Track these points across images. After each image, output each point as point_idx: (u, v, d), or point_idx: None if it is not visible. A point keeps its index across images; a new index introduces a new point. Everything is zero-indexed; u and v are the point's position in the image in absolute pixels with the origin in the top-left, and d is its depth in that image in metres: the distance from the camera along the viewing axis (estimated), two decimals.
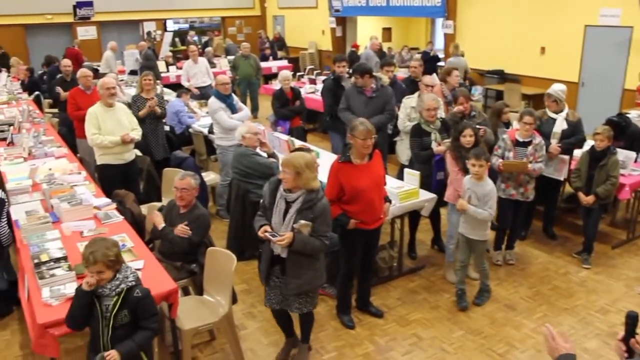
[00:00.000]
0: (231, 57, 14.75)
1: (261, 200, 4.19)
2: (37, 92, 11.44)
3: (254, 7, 21.83)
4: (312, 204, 3.84)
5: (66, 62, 9.82)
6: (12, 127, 7.68)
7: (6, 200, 5.09)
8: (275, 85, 11.64)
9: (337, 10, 17.22)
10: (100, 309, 3.30)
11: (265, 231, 3.88)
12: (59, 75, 10.07)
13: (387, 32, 19.51)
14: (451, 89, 6.94)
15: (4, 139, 7.47)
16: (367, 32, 17.53)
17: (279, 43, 19.17)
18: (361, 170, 4.50)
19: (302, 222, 3.82)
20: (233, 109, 6.98)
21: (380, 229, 4.85)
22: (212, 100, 6.95)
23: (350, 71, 7.74)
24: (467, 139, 5.24)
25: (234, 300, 4.61)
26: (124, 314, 3.28)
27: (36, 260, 4.13)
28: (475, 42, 13.08)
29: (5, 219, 4.98)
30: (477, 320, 5.06)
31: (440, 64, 13.94)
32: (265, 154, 6.03)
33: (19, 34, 18.25)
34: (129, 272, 3.36)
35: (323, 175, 5.45)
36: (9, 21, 17.84)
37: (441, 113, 6.23)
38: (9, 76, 13.05)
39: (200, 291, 4.61)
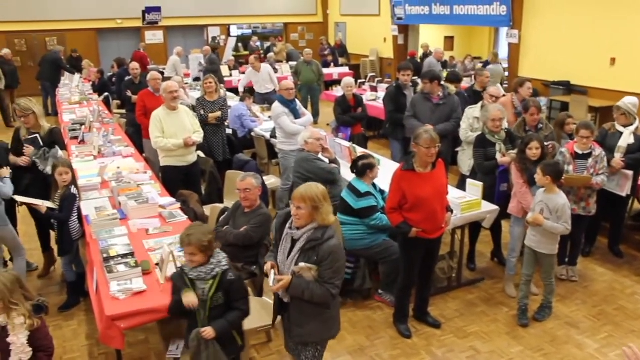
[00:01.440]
0: (293, 63, 14.93)
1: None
2: (106, 94, 11.88)
3: (316, 14, 22.00)
4: (317, 244, 3.29)
5: (134, 65, 10.15)
6: (83, 127, 8.00)
7: (77, 196, 5.29)
8: (337, 91, 11.70)
9: (400, 18, 17.16)
10: (195, 293, 3.46)
11: (271, 268, 3.47)
12: (127, 78, 10.41)
13: (449, 41, 19.31)
14: (521, 100, 6.80)
15: (76, 138, 7.77)
16: (429, 41, 17.41)
17: (340, 50, 19.25)
18: (424, 178, 4.47)
19: (303, 264, 3.31)
20: (296, 114, 7.06)
21: (441, 239, 4.81)
22: (276, 105, 7.04)
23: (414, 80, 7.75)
24: (533, 151, 5.12)
25: None
26: (219, 296, 3.46)
27: (105, 255, 4.29)
28: (541, 52, 12.78)
29: (76, 214, 5.20)
30: (537, 336, 4.93)
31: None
32: (327, 160, 6.07)
33: (91, 38, 18.99)
34: (221, 257, 3.53)
35: (382, 182, 5.51)
36: (83, 25, 18.58)
37: (505, 124, 6.12)
38: (80, 78, 13.59)
39: (259, 293, 4.68)
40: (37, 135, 5.75)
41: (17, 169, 5.54)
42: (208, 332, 3.39)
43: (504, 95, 7.09)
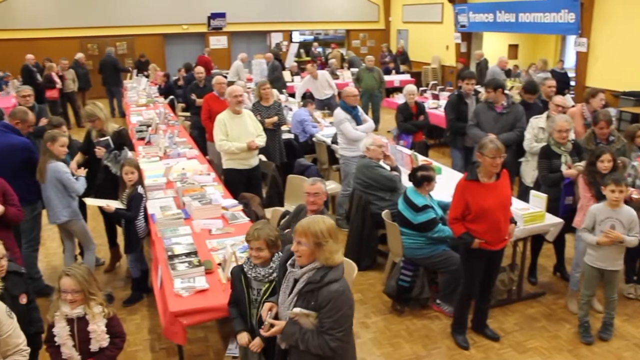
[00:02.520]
0: (354, 70, 14.96)
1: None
2: (171, 97, 12.22)
3: (378, 21, 22.00)
4: (316, 287, 2.89)
5: (199, 70, 10.40)
6: (150, 128, 8.25)
7: (144, 195, 5.47)
8: (398, 98, 11.66)
9: (463, 26, 16.96)
10: (248, 292, 3.52)
11: (269, 309, 3.16)
12: (193, 82, 10.68)
13: (513, 49, 18.91)
14: (592, 111, 6.59)
15: (143, 139, 8.03)
16: (493, 49, 17.12)
17: (402, 57, 19.17)
18: (488, 189, 4.41)
19: (298, 310, 2.94)
20: (358, 121, 7.07)
21: (503, 251, 4.72)
22: (338, 111, 7.09)
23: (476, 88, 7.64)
24: (604, 164, 4.94)
25: None
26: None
27: (169, 253, 4.41)
28: (611, 61, 12.36)
29: (142, 212, 5.37)
30: (601, 356, 4.76)
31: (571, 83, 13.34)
32: (388, 167, 6.06)
33: (158, 43, 19.59)
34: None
35: (440, 192, 5.45)
36: (151, 31, 19.21)
37: (572, 135, 5.95)
38: (147, 81, 14.04)
39: None
40: (108, 138, 5.96)
41: (90, 169, 5.78)
42: (256, 345, 3.40)
43: (573, 106, 6.90)
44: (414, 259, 5.23)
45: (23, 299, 3.63)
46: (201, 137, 8.73)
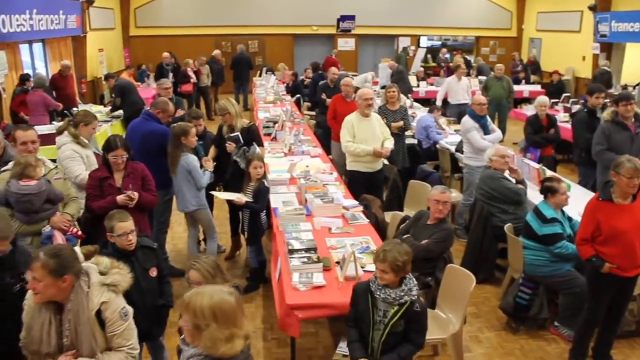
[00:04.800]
0: (482, 78, 14.57)
1: None
2: (298, 95, 12.55)
3: (510, 28, 21.25)
4: None
5: (334, 70, 10.55)
6: (276, 125, 8.52)
7: (270, 189, 5.67)
8: (527, 109, 11.24)
9: (603, 36, 15.96)
10: (373, 312, 3.47)
11: None
12: (322, 82, 10.89)
13: None
14: None
15: (269, 134, 8.31)
16: (636, 61, 15.98)
17: (533, 67, 18.37)
18: (623, 210, 4.15)
19: None
20: (486, 130, 6.92)
21: (637, 278, 4.41)
22: (466, 119, 6.96)
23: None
24: None
25: (464, 320, 4.58)
26: (400, 324, 3.42)
27: (290, 247, 4.54)
28: None
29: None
30: None
31: None
32: (513, 180, 5.87)
33: (287, 43, 20.17)
34: (412, 284, 3.47)
35: (570, 209, 5.19)
36: (281, 31, 19.83)
37: None
38: (276, 79, 14.50)
39: (432, 305, 4.65)
40: (238, 134, 6.24)
41: (219, 163, 6.07)
42: None
43: None
44: (534, 276, 5.02)
45: (153, 272, 3.88)
46: (325, 136, 8.90)
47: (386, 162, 7.15)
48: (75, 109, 10.15)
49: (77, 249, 3.20)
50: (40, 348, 2.82)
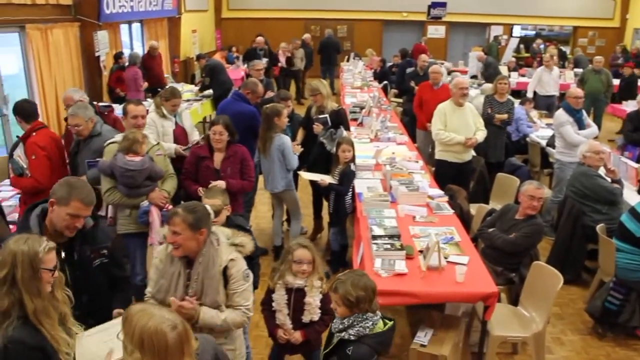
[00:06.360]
0: (578, 70, 13.93)
1: None
2: (385, 82, 12.46)
3: (612, 18, 20.12)
4: None
5: (424, 58, 10.38)
6: (363, 110, 8.51)
7: (356, 173, 5.70)
8: (626, 105, 10.67)
9: None
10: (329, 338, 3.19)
11: None
12: (410, 69, 10.75)
13: None
14: None
15: (355, 119, 8.31)
16: None
17: (637, 59, 17.37)
18: None
19: None
20: (581, 125, 6.64)
21: None
22: (560, 113, 6.69)
23: None
24: None
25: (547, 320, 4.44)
26: None
27: (373, 233, 4.55)
28: None
29: (351, 190, 5.60)
30: None
31: None
32: (608, 178, 5.60)
33: (377, 28, 20.03)
34: (360, 322, 2.97)
35: None
36: (370, 16, 19.71)
37: None
38: (363, 65, 14.46)
39: (515, 302, 4.55)
40: (326, 116, 6.28)
41: (306, 144, 6.14)
42: None
43: None
44: (627, 281, 4.78)
45: None
46: (412, 124, 8.81)
47: (473, 153, 7.00)
48: (162, 88, 10.54)
49: (207, 205, 3.40)
50: (166, 297, 3.04)
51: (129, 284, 3.45)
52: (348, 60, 15.41)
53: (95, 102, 6.61)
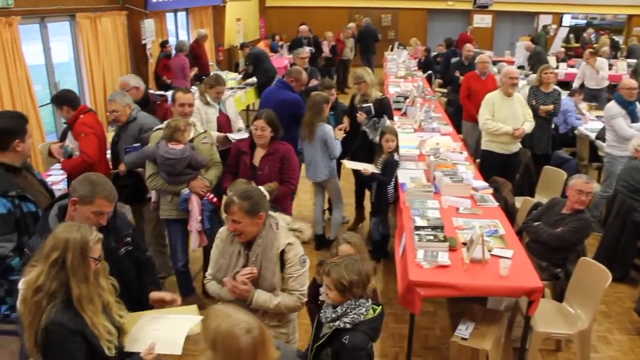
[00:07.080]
0: (632, 61, 13.48)
1: None
2: (429, 72, 12.31)
3: None
4: None
5: (469, 47, 10.21)
6: (407, 100, 8.43)
7: (399, 163, 5.66)
8: None
9: None
10: (316, 330, 3.04)
11: None
12: (454, 59, 10.58)
13: None
14: None
15: (399, 109, 8.23)
16: None
17: None
18: None
19: None
20: (634, 117, 6.42)
21: None
22: (612, 105, 6.48)
23: None
24: None
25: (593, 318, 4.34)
26: (327, 352, 2.87)
27: (416, 224, 4.50)
28: None
29: (394, 180, 5.57)
30: None
31: None
32: None
33: (421, 17, 19.78)
34: (354, 309, 2.81)
35: None
36: (415, 5, 19.47)
37: None
38: (408, 54, 14.31)
39: (560, 297, 4.46)
40: (370, 105, 6.24)
41: (349, 132, 6.12)
42: None
43: None
44: None
45: None
46: (457, 115, 8.68)
47: (520, 145, 6.87)
48: (207, 75, 10.65)
49: (261, 187, 3.49)
50: (225, 276, 3.17)
51: (152, 264, 3.47)
52: (392, 50, 15.27)
53: (150, 91, 6.73)
